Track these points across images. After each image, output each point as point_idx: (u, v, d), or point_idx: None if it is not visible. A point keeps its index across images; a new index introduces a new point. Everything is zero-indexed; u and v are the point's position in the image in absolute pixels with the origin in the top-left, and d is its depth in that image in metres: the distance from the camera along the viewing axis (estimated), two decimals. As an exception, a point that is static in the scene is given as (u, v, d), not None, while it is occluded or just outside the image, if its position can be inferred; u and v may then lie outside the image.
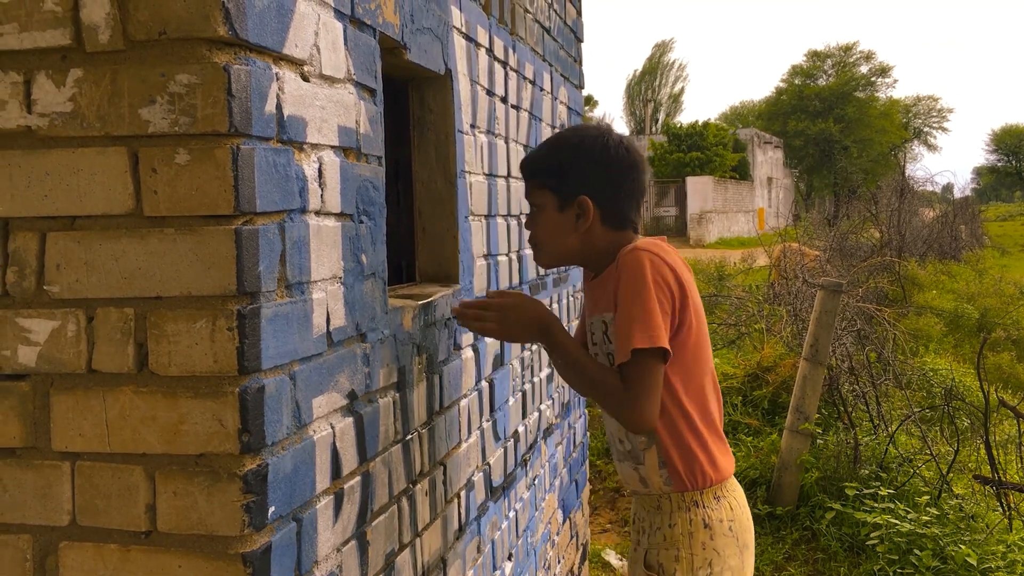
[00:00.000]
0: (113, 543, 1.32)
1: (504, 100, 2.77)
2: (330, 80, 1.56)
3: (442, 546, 2.16)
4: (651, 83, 60.73)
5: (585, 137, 2.05)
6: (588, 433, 4.68)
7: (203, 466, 1.28)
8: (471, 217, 2.41)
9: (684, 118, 57.08)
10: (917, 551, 4.43)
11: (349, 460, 1.62)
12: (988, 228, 33.72)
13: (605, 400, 1.96)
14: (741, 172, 40.15)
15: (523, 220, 2.97)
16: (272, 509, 1.33)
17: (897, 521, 4.62)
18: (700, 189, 36.15)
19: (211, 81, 1.23)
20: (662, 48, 61.61)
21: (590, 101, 56.90)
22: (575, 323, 4.07)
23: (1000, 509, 5.06)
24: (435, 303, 2.09)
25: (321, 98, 1.52)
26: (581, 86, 4.27)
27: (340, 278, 1.59)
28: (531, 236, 2.11)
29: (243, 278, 1.27)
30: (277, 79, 1.36)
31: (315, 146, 1.50)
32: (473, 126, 2.44)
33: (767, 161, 42.32)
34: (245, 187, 1.27)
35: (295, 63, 1.43)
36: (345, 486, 1.60)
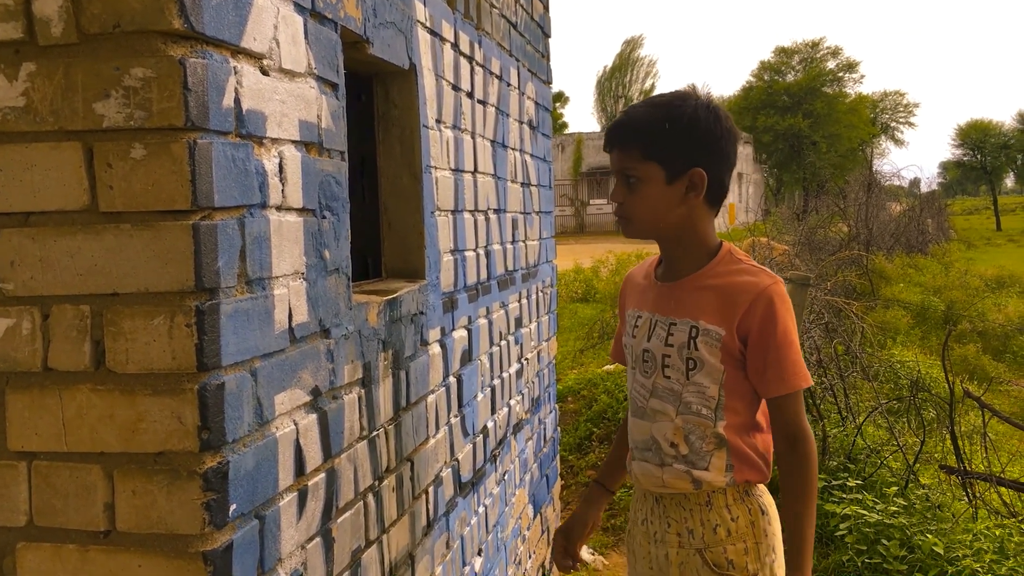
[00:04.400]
0: (71, 543, 1.31)
1: (470, 95, 2.76)
2: (290, 74, 1.55)
3: (410, 542, 2.16)
4: (621, 79, 60.86)
5: (698, 106, 1.93)
6: (559, 428, 4.69)
7: (162, 464, 1.27)
8: (437, 212, 2.40)
9: (655, 114, 57.04)
10: (885, 541, 4.47)
11: (313, 457, 1.61)
12: (954, 222, 34.15)
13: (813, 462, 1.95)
14: (712, 168, 40.21)
15: (491, 215, 2.96)
16: (233, 507, 1.32)
17: (865, 512, 4.66)
18: (671, 185, 36.23)
19: (166, 75, 1.22)
20: (632, 44, 61.76)
21: (561, 97, 56.92)
22: (544, 318, 4.07)
23: (966, 498, 5.13)
24: (401, 299, 2.08)
25: (281, 92, 1.51)
26: (549, 81, 4.27)
27: (302, 274, 1.58)
28: (622, 208, 1.97)
29: (201, 274, 1.25)
30: (235, 73, 1.35)
31: (275, 140, 1.49)
32: (439, 121, 2.43)
33: (737, 157, 42.54)
34: (203, 182, 1.25)
35: (254, 57, 1.42)
36: (309, 483, 1.59)
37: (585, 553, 5.24)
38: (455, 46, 2.60)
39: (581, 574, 5.01)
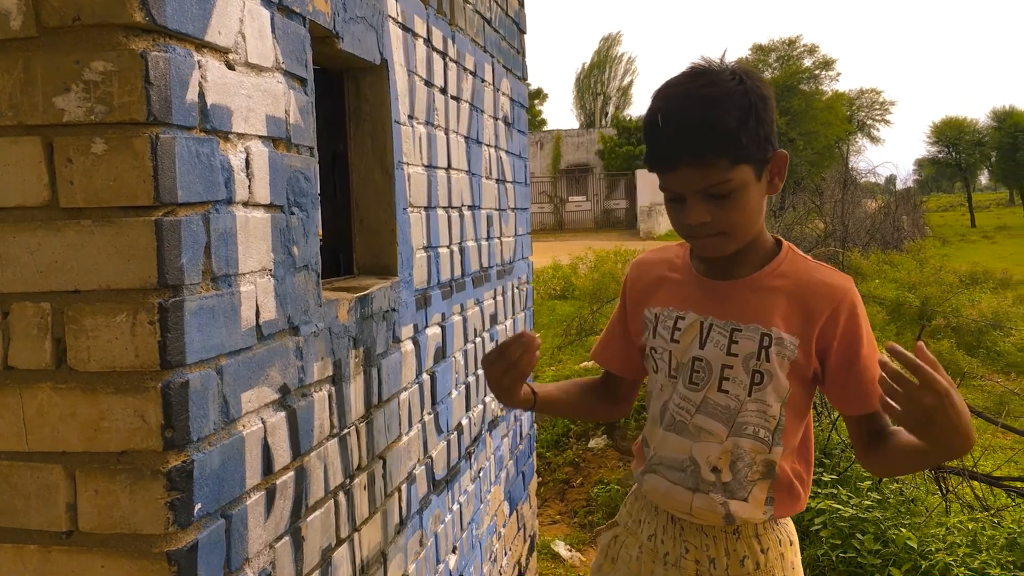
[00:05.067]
0: (33, 544, 1.29)
1: (443, 91, 2.75)
2: (257, 69, 1.53)
3: (382, 540, 2.15)
4: (600, 76, 60.95)
5: (754, 81, 1.63)
6: (535, 425, 4.69)
7: (125, 464, 1.25)
8: (410, 209, 2.39)
9: (634, 111, 57.42)
10: (859, 535, 4.51)
11: (281, 455, 1.59)
12: (929, 219, 34.51)
13: None
14: (690, 165, 40.37)
15: (465, 211, 2.95)
16: (198, 506, 1.30)
17: (840, 506, 4.69)
18: (650, 182, 36.39)
19: (128, 69, 1.20)
20: (610, 41, 61.86)
21: (539, 94, 56.93)
22: (520, 315, 4.07)
23: (939, 493, 5.17)
24: (372, 295, 2.07)
25: (247, 87, 1.49)
26: (524, 78, 4.26)
27: (270, 270, 1.56)
28: (710, 226, 1.64)
29: (164, 270, 1.24)
30: (199, 67, 1.33)
31: (242, 136, 1.47)
32: (411, 117, 2.42)
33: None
34: (165, 177, 1.24)
35: (219, 51, 1.40)
36: (277, 481, 1.58)
37: (562, 549, 5.24)
38: (428, 42, 2.58)
39: (558, 570, 5.01)
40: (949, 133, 49.57)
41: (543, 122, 55.63)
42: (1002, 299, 14.49)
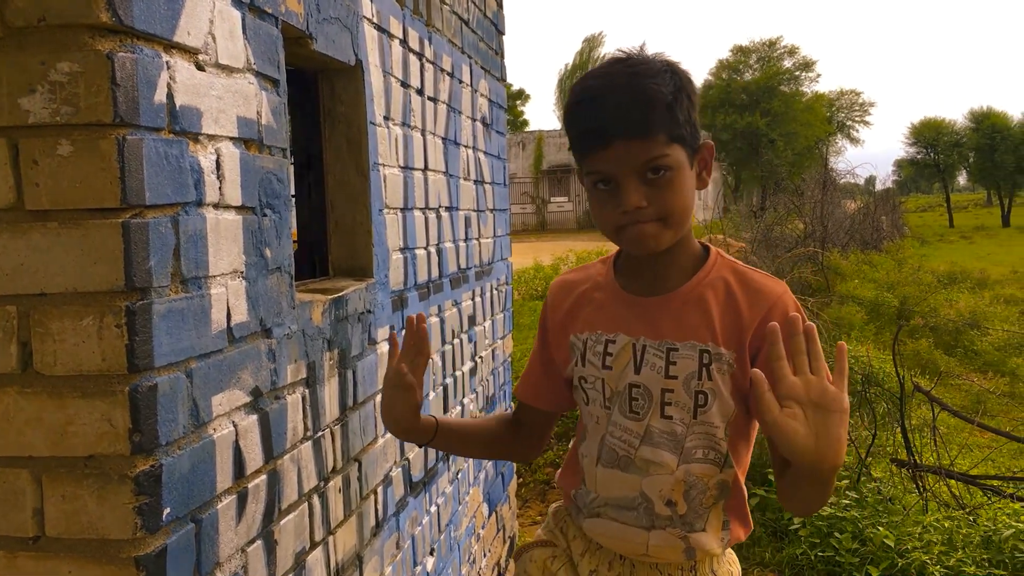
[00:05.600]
0: (0, 550, 1.27)
1: (420, 92, 2.74)
2: (228, 70, 1.52)
3: (358, 543, 2.14)
4: (582, 77, 60.94)
5: (683, 69, 1.54)
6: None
7: (92, 468, 1.24)
8: (386, 210, 2.38)
9: (615, 112, 57.32)
10: (838, 534, 4.53)
11: (254, 458, 1.58)
12: (908, 219, 34.77)
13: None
14: (671, 166, 40.52)
15: (442, 213, 2.94)
16: (167, 511, 1.29)
17: (818, 505, 4.72)
18: (631, 182, 36.41)
19: (94, 70, 1.19)
20: (592, 43, 61.92)
21: (523, 95, 56.96)
22: (499, 316, 4.06)
23: (916, 491, 5.21)
24: (347, 297, 2.06)
25: (218, 88, 1.48)
26: (503, 79, 4.25)
27: (242, 272, 1.55)
28: (646, 211, 1.50)
29: (132, 273, 1.23)
30: (168, 68, 1.32)
31: (212, 137, 1.46)
32: (387, 118, 2.41)
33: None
34: (133, 179, 1.23)
35: (188, 52, 1.39)
36: (249, 485, 1.57)
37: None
38: (404, 42, 2.58)
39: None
40: (927, 134, 49.95)
41: (525, 123, 55.70)
42: (979, 299, 14.62)
